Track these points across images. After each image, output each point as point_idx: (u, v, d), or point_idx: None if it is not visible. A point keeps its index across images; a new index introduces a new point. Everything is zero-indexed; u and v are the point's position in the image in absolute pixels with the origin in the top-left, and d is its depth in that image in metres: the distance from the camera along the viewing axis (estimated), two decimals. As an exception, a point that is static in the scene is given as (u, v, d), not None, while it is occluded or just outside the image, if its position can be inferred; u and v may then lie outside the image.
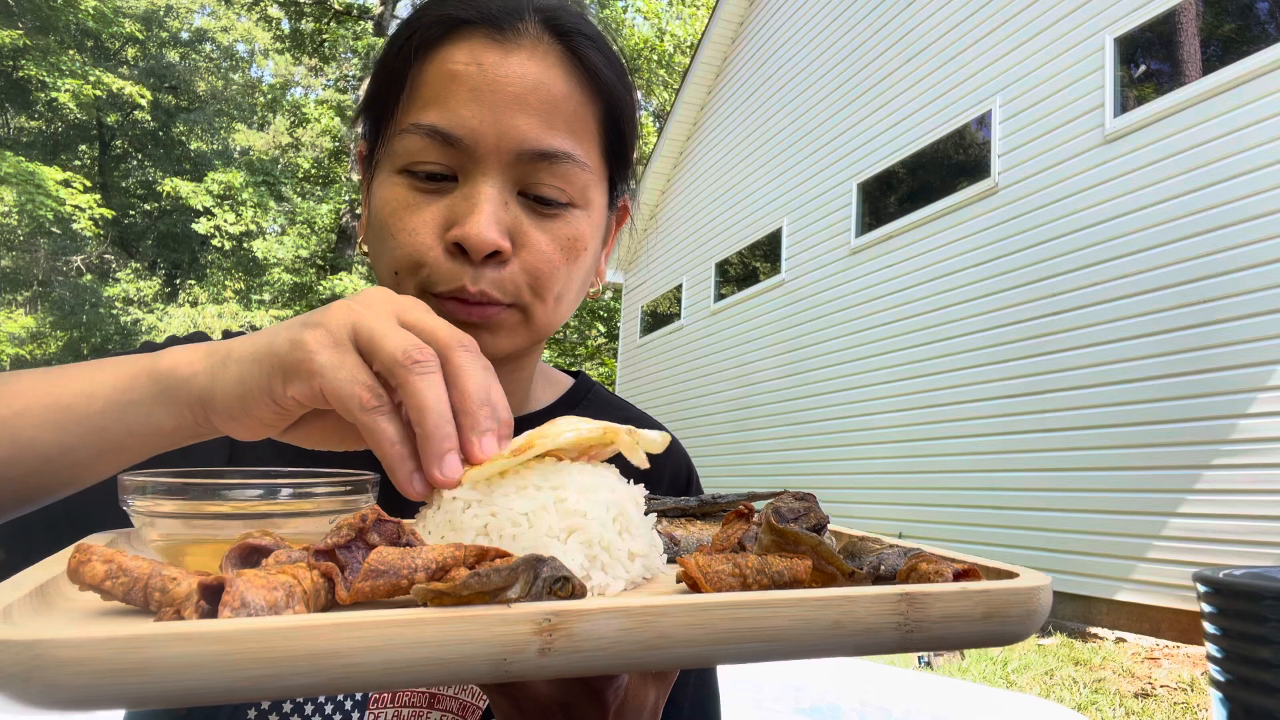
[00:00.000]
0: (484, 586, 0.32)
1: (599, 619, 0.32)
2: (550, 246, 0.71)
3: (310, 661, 0.29)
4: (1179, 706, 3.69)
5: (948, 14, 7.15)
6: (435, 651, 0.30)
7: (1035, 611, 0.38)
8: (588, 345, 21.79)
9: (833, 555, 0.40)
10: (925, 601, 0.36)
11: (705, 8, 21.28)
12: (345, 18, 21.25)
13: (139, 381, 0.51)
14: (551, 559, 0.35)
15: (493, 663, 0.31)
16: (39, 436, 0.50)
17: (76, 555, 0.36)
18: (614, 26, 22.57)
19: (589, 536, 0.44)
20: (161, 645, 0.28)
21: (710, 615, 0.34)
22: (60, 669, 0.27)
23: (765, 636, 0.34)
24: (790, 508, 0.47)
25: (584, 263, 0.76)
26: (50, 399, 0.51)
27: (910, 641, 0.36)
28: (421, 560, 0.36)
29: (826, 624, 0.35)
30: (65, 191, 16.33)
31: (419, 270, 0.69)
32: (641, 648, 0.33)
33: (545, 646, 0.32)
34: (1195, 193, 4.94)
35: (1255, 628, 2.52)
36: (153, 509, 0.45)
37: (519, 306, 0.72)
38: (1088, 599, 5.38)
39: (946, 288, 6.82)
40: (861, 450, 7.68)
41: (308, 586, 0.35)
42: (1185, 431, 4.85)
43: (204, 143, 24.85)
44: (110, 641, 0.27)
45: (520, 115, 0.69)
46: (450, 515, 0.45)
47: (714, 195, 11.47)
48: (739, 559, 0.40)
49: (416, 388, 0.45)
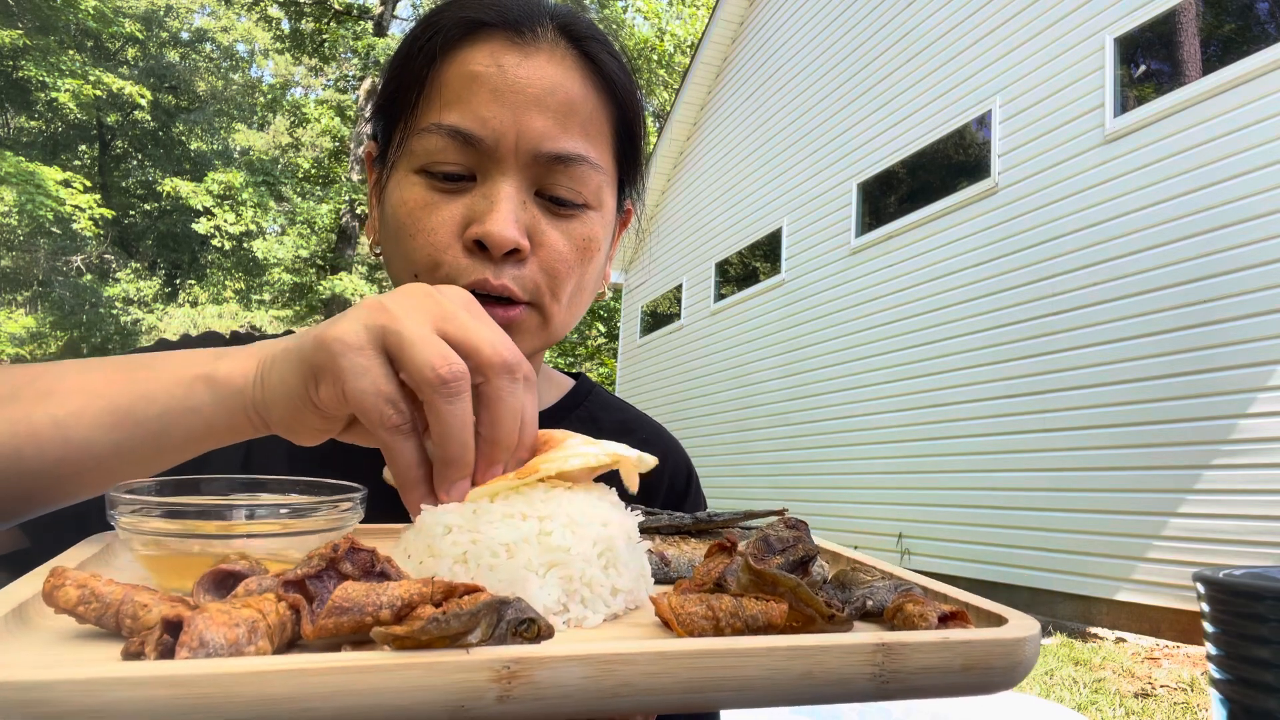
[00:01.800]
0: (443, 631, 0.32)
1: (560, 667, 0.31)
2: (566, 247, 0.72)
3: (264, 706, 0.29)
4: (1179, 706, 3.69)
5: (948, 14, 7.15)
6: (391, 698, 0.30)
7: (1018, 664, 0.37)
8: (588, 345, 21.80)
9: (811, 598, 0.39)
10: (902, 653, 0.35)
11: (705, 8, 21.28)
12: (345, 18, 21.24)
13: (197, 389, 0.51)
14: (517, 600, 0.34)
15: (450, 710, 0.30)
16: (94, 438, 0.50)
17: (51, 579, 0.36)
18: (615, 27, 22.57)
19: (570, 572, 0.44)
20: (117, 689, 0.28)
21: (675, 664, 0.33)
22: (21, 711, 0.27)
23: (733, 686, 0.33)
24: (780, 537, 0.46)
25: (595, 264, 0.77)
26: (105, 401, 0.51)
27: (886, 691, 0.35)
28: (386, 598, 0.35)
29: (797, 674, 0.34)
30: (65, 191, 16.32)
31: (437, 270, 0.70)
32: (604, 695, 0.32)
33: (504, 694, 0.31)
34: (1195, 193, 4.94)
35: (1255, 628, 2.52)
36: (135, 526, 0.46)
37: (537, 307, 0.72)
38: (1088, 599, 5.38)
39: (946, 288, 6.81)
40: (861, 450, 7.68)
41: (272, 620, 0.34)
42: (1185, 431, 4.85)
43: (204, 143, 24.85)
44: (68, 684, 0.28)
45: (539, 117, 0.70)
46: (430, 540, 0.45)
47: (714, 195, 11.47)
48: (713, 601, 0.39)
49: (441, 412, 0.44)
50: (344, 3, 21.38)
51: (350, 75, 23.10)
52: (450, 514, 0.45)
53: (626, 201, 0.86)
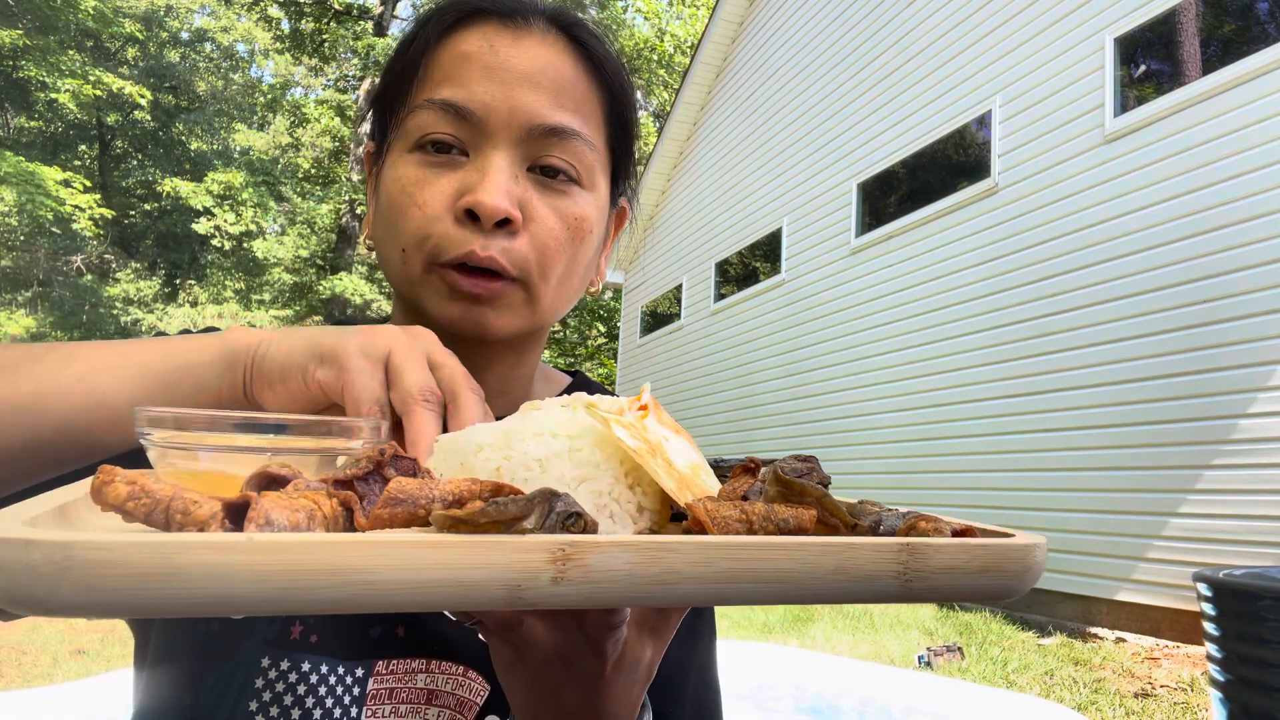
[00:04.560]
0: (500, 515, 0.33)
1: (611, 551, 0.33)
2: (557, 223, 0.72)
3: (334, 576, 0.30)
4: (1179, 706, 3.69)
5: (948, 14, 7.15)
6: (454, 574, 0.31)
7: (1030, 568, 0.39)
8: (588, 345, 21.79)
9: (836, 508, 0.41)
10: (926, 552, 0.37)
11: (705, 8, 21.28)
12: (345, 18, 21.25)
13: (211, 346, 0.57)
14: (566, 495, 0.36)
15: (508, 588, 0.32)
16: (113, 390, 0.55)
17: (100, 476, 0.36)
18: (614, 27, 22.56)
19: (599, 487, 0.46)
20: (192, 553, 0.28)
21: (716, 553, 0.34)
22: (92, 570, 0.27)
23: (768, 578, 0.35)
24: (794, 468, 0.48)
25: (586, 248, 0.76)
26: (123, 359, 0.57)
27: (910, 591, 0.37)
28: (439, 491, 0.37)
29: (829, 569, 0.36)
30: (65, 191, 16.33)
31: (426, 242, 0.70)
32: (651, 582, 0.34)
33: (558, 575, 0.32)
34: (1195, 193, 4.94)
35: (1255, 628, 2.52)
36: (170, 440, 0.46)
37: (524, 283, 0.72)
38: (1088, 599, 5.38)
39: (946, 288, 6.82)
40: (862, 450, 7.68)
41: (327, 512, 0.36)
42: (1185, 431, 4.85)
43: (204, 143, 24.85)
44: (143, 546, 0.28)
45: (531, 92, 0.71)
46: (463, 458, 0.47)
47: (714, 195, 11.47)
48: (746, 506, 0.40)
49: (417, 419, 0.52)
50: (344, 3, 21.39)
51: (350, 75, 23.10)
52: (483, 433, 0.48)
53: (621, 199, 0.85)
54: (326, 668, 0.67)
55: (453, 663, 0.70)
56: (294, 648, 0.66)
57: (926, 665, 4.34)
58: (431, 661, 0.69)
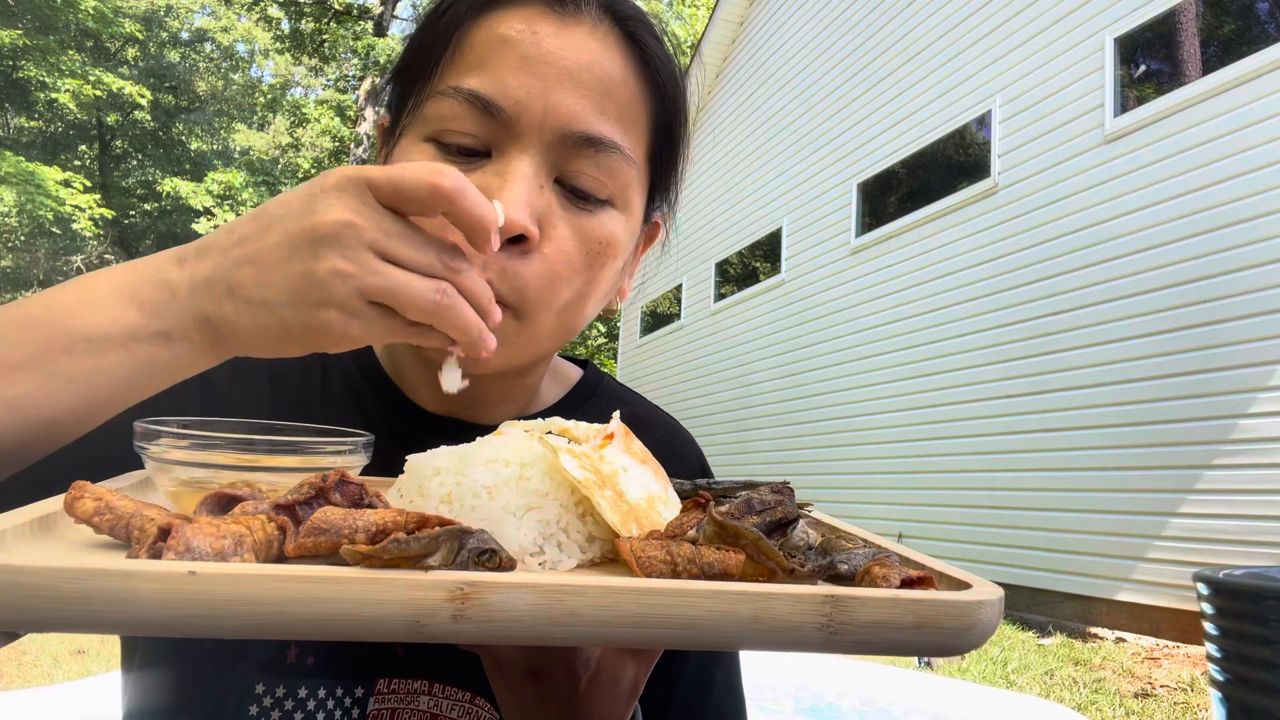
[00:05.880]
0: (404, 552, 0.34)
1: (511, 592, 0.33)
2: (575, 246, 0.63)
3: (235, 606, 0.31)
4: (1179, 706, 3.69)
5: (948, 14, 7.15)
6: (352, 608, 0.32)
7: (973, 625, 0.37)
8: (588, 345, 21.80)
9: (771, 550, 0.40)
10: (851, 606, 0.36)
11: (705, 8, 21.27)
12: (345, 18, 21.23)
13: (120, 318, 0.52)
14: (480, 531, 0.36)
15: (408, 624, 0.33)
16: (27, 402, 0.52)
17: (72, 491, 0.40)
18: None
19: (546, 516, 0.47)
20: (100, 579, 0.31)
21: (623, 599, 0.34)
22: (14, 590, 0.31)
23: (678, 624, 0.35)
24: (763, 500, 0.48)
25: (607, 271, 0.67)
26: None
27: (836, 643, 0.36)
28: (362, 522, 0.38)
29: (745, 617, 0.35)
30: (65, 191, 16.33)
31: None
32: (552, 623, 0.34)
33: (458, 614, 0.33)
34: (1195, 193, 4.93)
35: (1255, 628, 2.52)
36: (162, 455, 0.49)
37: (519, 311, 0.62)
38: (1088, 599, 5.38)
39: (946, 288, 6.81)
40: (861, 450, 7.68)
41: (259, 537, 0.37)
42: (1185, 431, 4.85)
43: (204, 143, 24.85)
44: (56, 571, 0.31)
45: (572, 92, 0.62)
46: (420, 480, 0.49)
47: (714, 195, 11.47)
48: (672, 546, 0.40)
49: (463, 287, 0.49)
50: (344, 3, 21.37)
51: (350, 75, 23.10)
52: (441, 457, 0.50)
53: (656, 213, 0.77)
54: (324, 691, 0.64)
55: (459, 688, 0.67)
56: (291, 673, 0.64)
57: (926, 665, 4.34)
58: (434, 685, 0.67)
